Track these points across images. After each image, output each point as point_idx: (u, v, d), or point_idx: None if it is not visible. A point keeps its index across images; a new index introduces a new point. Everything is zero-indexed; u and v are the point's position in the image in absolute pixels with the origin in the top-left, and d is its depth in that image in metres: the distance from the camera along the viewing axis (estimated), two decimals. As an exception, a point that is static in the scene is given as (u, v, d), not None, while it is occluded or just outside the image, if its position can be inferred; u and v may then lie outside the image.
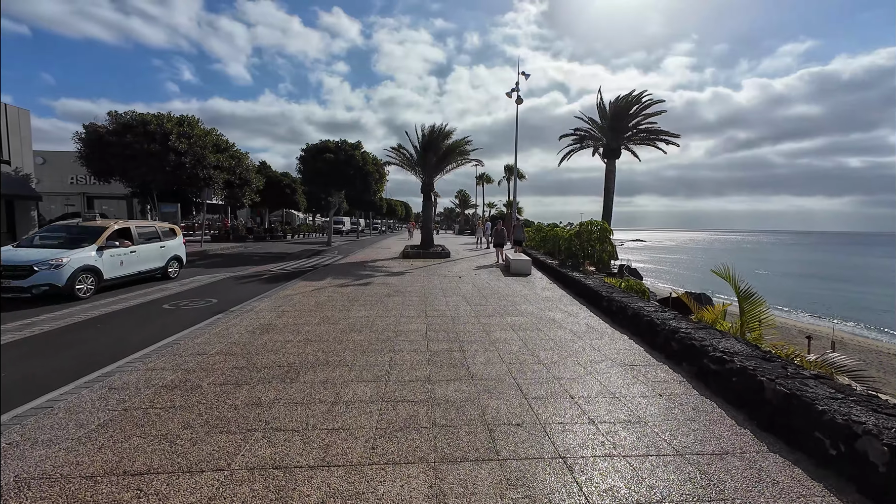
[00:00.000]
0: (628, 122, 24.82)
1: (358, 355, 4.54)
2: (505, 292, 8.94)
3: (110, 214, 35.08)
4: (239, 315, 6.39)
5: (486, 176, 54.23)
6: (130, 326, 6.00)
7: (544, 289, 9.57)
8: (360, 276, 11.03)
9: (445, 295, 8.47)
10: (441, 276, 11.30)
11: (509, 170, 44.78)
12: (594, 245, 11.75)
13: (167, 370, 4.02)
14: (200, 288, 9.41)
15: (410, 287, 9.37)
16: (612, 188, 26.65)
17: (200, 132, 20.14)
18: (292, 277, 11.15)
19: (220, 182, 20.59)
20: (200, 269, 12.94)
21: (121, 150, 17.58)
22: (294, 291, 8.60)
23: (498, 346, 4.99)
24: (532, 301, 7.98)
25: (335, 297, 7.92)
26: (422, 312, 6.78)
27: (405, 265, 14.04)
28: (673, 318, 5.12)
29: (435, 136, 18.24)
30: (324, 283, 9.86)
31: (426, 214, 19.52)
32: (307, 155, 22.17)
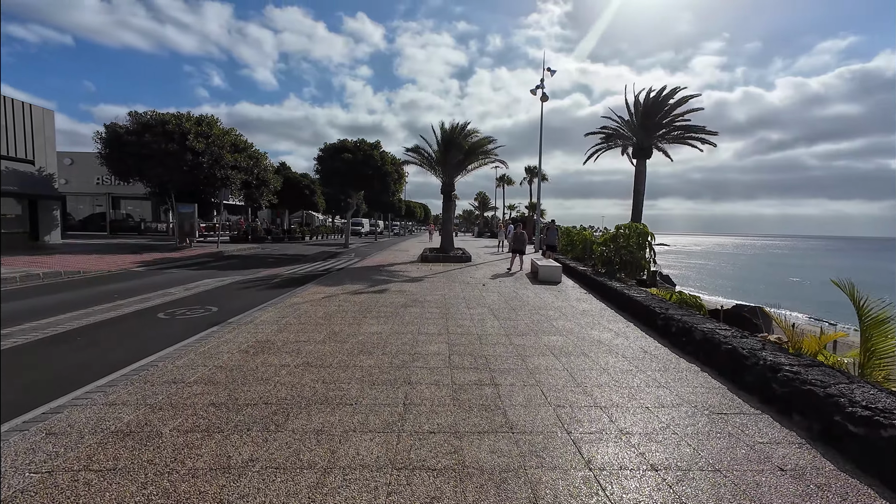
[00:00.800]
0: (661, 119, 23.32)
1: (365, 388, 3.66)
2: (535, 303, 7.94)
3: (135, 215, 35.73)
4: (236, 328, 5.62)
5: (506, 177, 53.06)
6: (112, 341, 5.31)
7: (579, 300, 8.51)
8: (376, 282, 10.21)
9: (469, 306, 7.53)
10: (463, 283, 10.37)
11: (531, 171, 43.54)
12: (632, 251, 10.59)
13: (129, 406, 3.23)
14: (205, 293, 8.77)
15: (430, 295, 8.48)
16: (642, 190, 25.17)
17: (219, 132, 19.90)
18: (305, 282, 10.43)
19: (238, 182, 20.28)
20: (212, 272, 12.41)
21: (138, 149, 17.42)
22: (302, 299, 7.83)
23: (538, 378, 4.02)
24: (569, 316, 6.96)
25: (346, 307, 7.10)
26: (443, 328, 5.86)
27: (424, 270, 13.18)
28: (762, 347, 4.03)
29: (456, 134, 17.35)
30: (336, 289, 9.08)
31: (446, 216, 18.64)
32: (325, 154, 21.67)
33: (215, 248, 19.93)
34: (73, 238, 26.25)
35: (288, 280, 11.06)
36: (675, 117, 23.56)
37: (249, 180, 21.38)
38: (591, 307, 7.79)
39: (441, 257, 16.15)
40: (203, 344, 4.87)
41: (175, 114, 19.29)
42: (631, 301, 7.08)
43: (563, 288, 10.07)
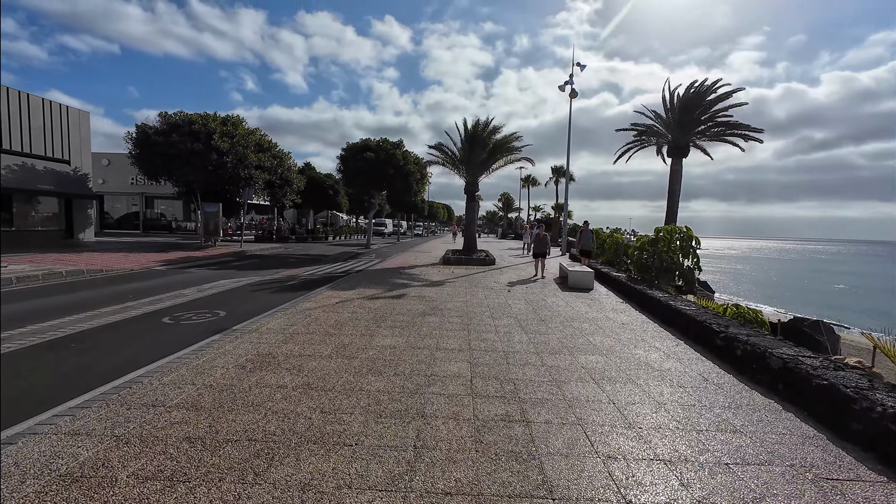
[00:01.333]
0: (700, 115, 21.83)
1: (370, 422, 3.06)
2: (567, 314, 7.16)
3: (168, 214, 36.86)
4: (238, 337, 5.16)
5: (531, 178, 51.85)
6: (106, 349, 4.93)
7: (616, 311, 7.66)
8: (394, 286, 9.67)
9: (493, 316, 6.85)
10: (486, 289, 9.67)
11: (557, 171, 42.27)
12: (674, 256, 9.61)
13: (92, 437, 2.75)
14: (217, 295, 8.46)
15: (450, 302, 7.84)
16: (677, 190, 23.72)
17: (243, 131, 19.97)
18: (322, 284, 10.02)
19: (261, 182, 20.31)
20: (231, 272, 12.22)
21: (166, 149, 17.64)
22: (315, 304, 7.36)
23: (579, 414, 3.31)
24: (607, 330, 6.16)
25: (360, 315, 6.56)
26: (464, 343, 5.21)
27: (445, 273, 12.56)
28: (870, 385, 3.17)
29: (480, 131, 16.68)
30: (352, 293, 8.58)
31: (469, 217, 17.99)
32: (347, 154, 21.43)
33: (239, 247, 20.01)
34: (108, 236, 27.19)
35: (305, 282, 10.68)
36: (716, 113, 22.02)
37: (273, 180, 21.40)
38: (630, 319, 6.95)
39: (464, 260, 15.50)
40: (199, 356, 4.41)
41: (202, 114, 19.48)
42: (679, 314, 6.20)
43: (595, 296, 9.21)
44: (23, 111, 16.89)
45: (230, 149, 18.59)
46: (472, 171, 17.13)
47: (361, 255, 20.10)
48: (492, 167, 17.40)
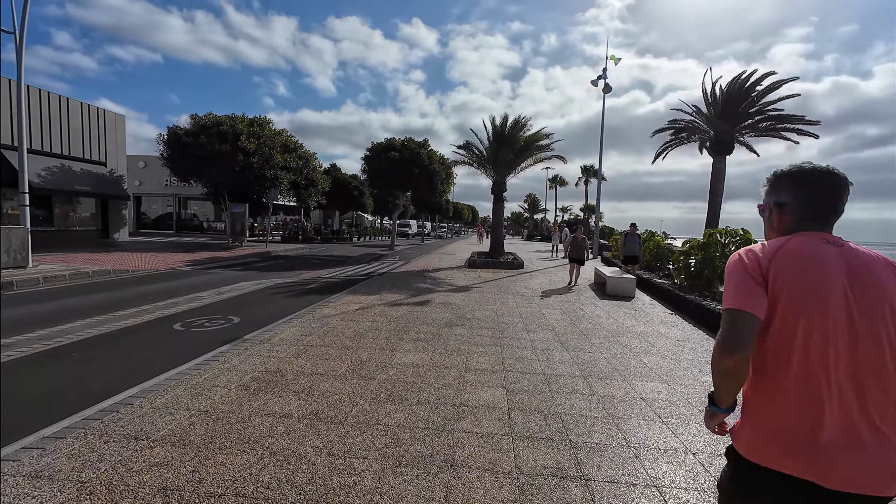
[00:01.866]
0: (747, 108, 20.24)
1: (386, 471, 2.46)
2: (611, 327, 6.37)
3: (200, 215, 37.92)
4: (247, 349, 4.70)
5: (559, 178, 50.43)
6: (107, 360, 4.57)
7: (666, 323, 6.79)
8: (418, 291, 9.10)
9: (527, 328, 6.15)
10: (517, 295, 8.96)
11: (588, 170, 40.81)
12: (729, 262, 8.59)
13: (51, 484, 2.27)
14: (235, 299, 8.14)
15: (479, 311, 7.19)
16: (720, 190, 22.19)
17: (270, 132, 20.02)
18: (343, 288, 9.59)
19: (286, 182, 20.29)
20: (253, 274, 12.02)
21: (195, 150, 17.83)
22: (334, 310, 6.88)
23: (652, 471, 2.59)
24: (661, 349, 5.35)
25: (380, 324, 6.01)
26: (497, 362, 4.55)
27: (471, 277, 11.91)
28: None
29: (509, 129, 15.95)
30: (373, 298, 8.07)
31: (496, 218, 17.28)
32: (372, 154, 21.15)
33: (264, 247, 20.06)
34: (144, 236, 28.07)
35: (326, 285, 10.28)
36: (764, 106, 20.37)
37: (298, 180, 21.38)
38: (685, 335, 6.08)
39: (490, 263, 14.80)
40: (201, 372, 3.95)
41: (230, 116, 19.66)
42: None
43: (639, 306, 8.33)
44: (62, 114, 17.46)
45: (256, 149, 18.63)
46: (500, 170, 16.42)
47: (385, 256, 19.72)
48: (520, 166, 16.65)
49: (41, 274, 9.27)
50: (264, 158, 18.99)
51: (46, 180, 16.20)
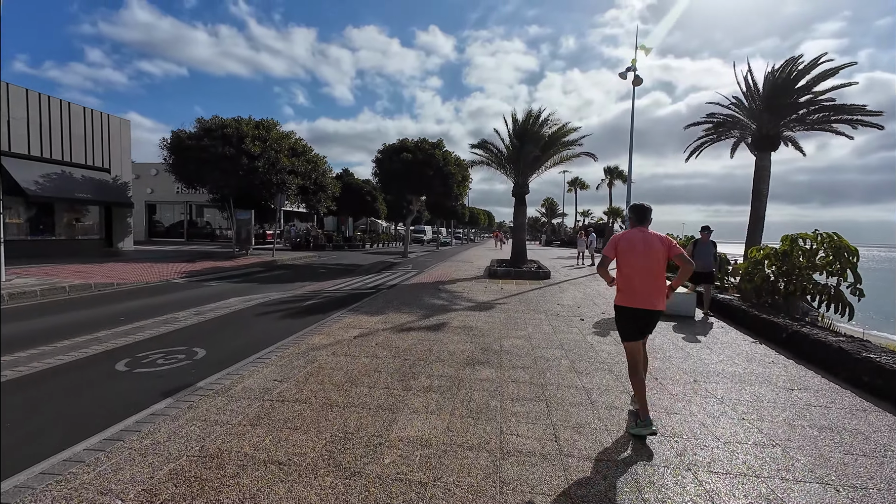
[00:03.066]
0: (798, 98, 18.19)
1: None
2: (688, 366, 4.79)
3: (214, 222, 37.49)
4: (191, 409, 3.35)
5: (579, 181, 48.44)
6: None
7: (755, 359, 5.16)
8: (431, 310, 7.67)
9: (576, 367, 4.63)
10: (550, 315, 7.43)
11: (612, 172, 38.81)
12: (819, 270, 6.86)
13: None
14: (213, 322, 6.86)
15: (507, 339, 5.70)
16: (765, 190, 20.02)
17: (276, 135, 19.04)
18: (345, 304, 8.25)
19: (294, 187, 19.25)
20: (251, 287, 10.81)
21: (197, 154, 16.94)
22: (327, 339, 5.51)
23: None
24: (779, 404, 3.76)
25: (381, 363, 4.60)
26: (546, 434, 3.06)
27: (493, 290, 10.42)
28: None
29: (531, 124, 14.47)
30: (377, 320, 6.68)
31: (518, 222, 15.75)
32: (383, 156, 19.94)
33: (271, 255, 19.00)
34: (155, 244, 27.56)
35: (326, 302, 8.95)
36: (816, 94, 18.28)
37: (307, 185, 20.32)
38: (797, 380, 4.46)
39: (513, 273, 13.27)
40: (101, 459, 2.60)
41: (236, 118, 18.78)
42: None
43: (706, 330, 6.69)
44: (63, 119, 16.82)
45: (262, 153, 17.63)
46: (522, 170, 14.92)
47: (397, 265, 18.39)
48: (544, 165, 15.11)
49: (7, 290, 8.22)
50: (270, 162, 17.98)
51: (45, 188, 15.49)
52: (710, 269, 7.85)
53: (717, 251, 8.06)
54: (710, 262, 7.80)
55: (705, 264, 7.74)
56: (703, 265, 7.70)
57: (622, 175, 37.70)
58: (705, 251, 7.84)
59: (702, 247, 7.90)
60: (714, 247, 7.94)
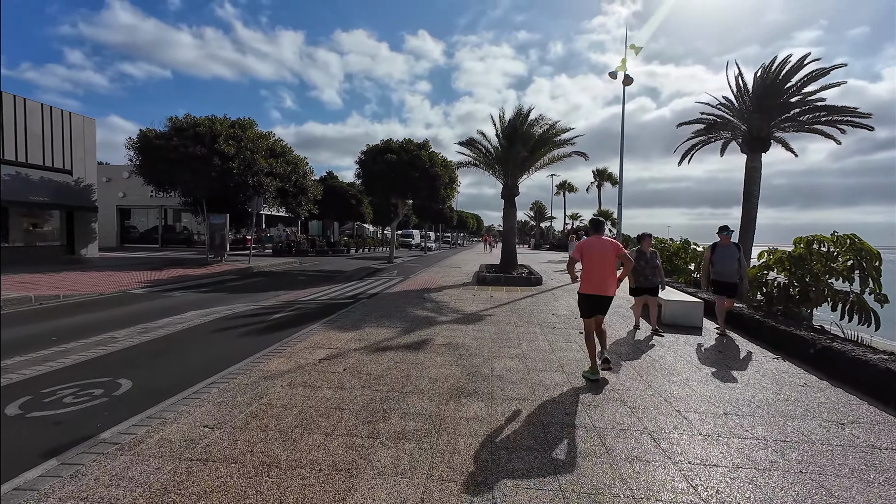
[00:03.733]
0: (788, 98, 17.96)
1: None
2: (710, 392, 4.06)
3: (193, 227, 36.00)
4: (80, 477, 2.47)
5: (567, 184, 48.20)
6: None
7: (784, 381, 4.46)
8: (413, 323, 6.84)
9: (583, 400, 3.85)
10: (545, 327, 6.68)
11: (601, 174, 38.54)
12: (837, 275, 6.26)
13: None
14: (156, 342, 5.91)
15: (499, 360, 4.91)
16: (756, 192, 19.77)
17: (253, 135, 18.02)
18: (318, 318, 7.38)
19: (272, 190, 18.23)
20: (218, 297, 9.83)
21: (167, 154, 15.83)
22: (286, 364, 4.64)
23: None
24: (824, 443, 3.04)
25: (348, 393, 3.76)
26: (556, 498, 2.28)
27: (482, 298, 9.64)
28: None
29: (520, 123, 13.80)
30: (350, 337, 5.83)
31: (507, 226, 15.03)
32: (366, 157, 19.05)
33: (247, 262, 17.91)
34: (126, 251, 26.11)
35: (297, 315, 8.04)
36: (806, 95, 18.08)
37: (286, 188, 19.31)
38: (832, 403, 3.76)
39: (503, 279, 12.52)
40: None
41: (209, 117, 17.72)
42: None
43: (723, 345, 6.00)
44: (18, 117, 15.56)
45: (237, 153, 16.60)
46: (511, 171, 14.23)
47: (382, 270, 17.50)
48: (534, 165, 14.45)
49: (-76, 306, 7.13)
50: (246, 163, 16.95)
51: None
52: (734, 278, 6.33)
53: (742, 256, 6.48)
54: (733, 270, 6.32)
55: (727, 272, 6.33)
56: (723, 272, 6.36)
57: (611, 177, 37.47)
58: (726, 256, 6.37)
59: (721, 250, 6.45)
60: (738, 251, 6.43)
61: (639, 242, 6.95)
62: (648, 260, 6.65)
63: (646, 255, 6.66)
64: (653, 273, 6.61)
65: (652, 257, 6.68)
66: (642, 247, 6.76)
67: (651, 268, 6.61)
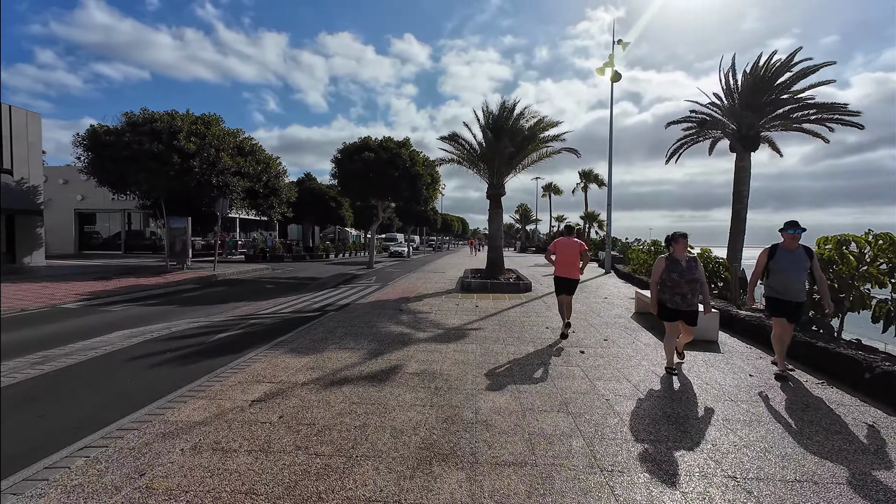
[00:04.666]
0: (779, 95, 17.53)
1: None
2: (770, 444, 3.07)
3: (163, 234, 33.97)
4: None
5: (553, 186, 47.77)
6: None
7: (853, 422, 3.53)
8: (384, 343, 5.72)
9: (600, 461, 2.80)
10: (539, 345, 5.65)
11: (587, 175, 38.09)
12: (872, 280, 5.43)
13: None
14: (44, 379, 4.66)
15: (485, 397, 3.84)
16: (745, 192, 19.31)
17: (218, 132, 16.63)
18: (271, 336, 6.19)
19: (240, 190, 16.84)
20: (163, 311, 8.53)
21: (117, 151, 14.34)
22: (206, 410, 3.47)
23: None
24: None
25: (274, 461, 2.62)
26: None
27: (466, 308, 8.58)
28: None
29: (506, 117, 12.87)
30: (302, 364, 4.69)
31: (494, 228, 14.03)
32: (342, 156, 17.84)
33: (212, 269, 16.45)
34: (85, 258, 24.17)
35: (247, 333, 6.81)
36: (795, 94, 17.69)
37: (256, 188, 17.93)
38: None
39: (489, 285, 11.50)
40: None
41: (169, 112, 16.26)
42: None
43: (748, 363, 5.06)
44: (-55, 110, 13.86)
45: (198, 150, 15.20)
46: (498, 169, 13.26)
47: (359, 277, 16.28)
48: (523, 163, 13.51)
49: None
50: (210, 161, 15.55)
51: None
52: (800, 297, 4.44)
53: (816, 264, 4.52)
54: (800, 283, 4.44)
55: (791, 286, 4.42)
56: (785, 286, 4.43)
57: (597, 179, 37.05)
58: (791, 264, 4.42)
59: (784, 256, 4.48)
60: (809, 258, 4.45)
61: (668, 246, 4.79)
62: (684, 271, 4.50)
63: (680, 264, 4.55)
64: (691, 290, 4.51)
65: (690, 267, 4.52)
66: (674, 252, 4.65)
67: (688, 282, 4.49)
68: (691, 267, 4.55)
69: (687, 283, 4.51)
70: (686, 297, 4.54)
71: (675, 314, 4.60)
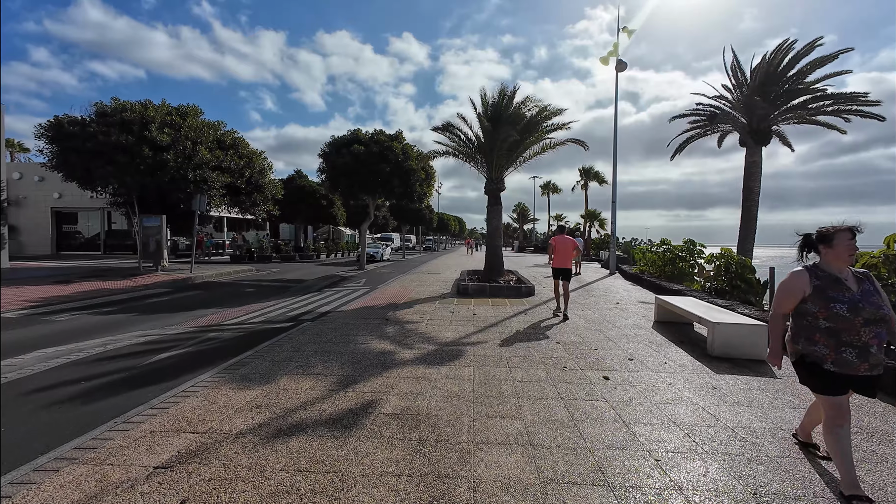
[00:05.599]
0: (793, 86, 16.51)
1: None
2: None
3: (147, 232, 32.61)
4: None
5: (552, 185, 46.73)
6: None
7: None
8: (359, 367, 4.60)
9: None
10: (555, 370, 4.54)
11: (587, 173, 37.06)
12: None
13: None
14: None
15: (486, 453, 2.71)
16: (756, 188, 18.40)
17: (196, 123, 15.43)
18: (224, 357, 5.07)
19: (219, 187, 15.64)
20: (117, 320, 7.38)
21: (81, 143, 13.13)
22: (84, 486, 2.35)
23: None
24: None
25: None
26: None
27: (462, 317, 7.47)
28: None
29: (505, 104, 11.78)
30: (249, 399, 3.57)
31: (492, 226, 12.93)
32: (330, 150, 16.68)
33: (188, 272, 15.26)
34: (61, 259, 22.86)
35: (192, 354, 5.68)
36: (809, 85, 16.69)
37: (238, 184, 16.74)
38: None
39: (487, 289, 10.40)
40: None
41: (142, 102, 15.06)
42: None
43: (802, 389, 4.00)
44: None
45: (173, 143, 14.01)
46: (497, 161, 12.16)
47: (348, 279, 15.14)
48: (523, 155, 12.42)
49: None
50: (185, 155, 14.37)
51: None
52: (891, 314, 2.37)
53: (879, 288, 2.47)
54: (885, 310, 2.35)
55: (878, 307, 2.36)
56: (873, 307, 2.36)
57: (598, 176, 36.06)
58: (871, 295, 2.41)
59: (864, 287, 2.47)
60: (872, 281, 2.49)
61: (807, 251, 2.64)
62: (858, 300, 2.38)
63: (845, 284, 2.45)
64: (876, 336, 2.36)
65: (867, 292, 2.41)
66: (828, 261, 2.52)
67: (870, 322, 2.34)
68: (868, 291, 2.41)
69: (867, 324, 2.34)
70: (867, 350, 2.35)
71: (845, 381, 2.40)
